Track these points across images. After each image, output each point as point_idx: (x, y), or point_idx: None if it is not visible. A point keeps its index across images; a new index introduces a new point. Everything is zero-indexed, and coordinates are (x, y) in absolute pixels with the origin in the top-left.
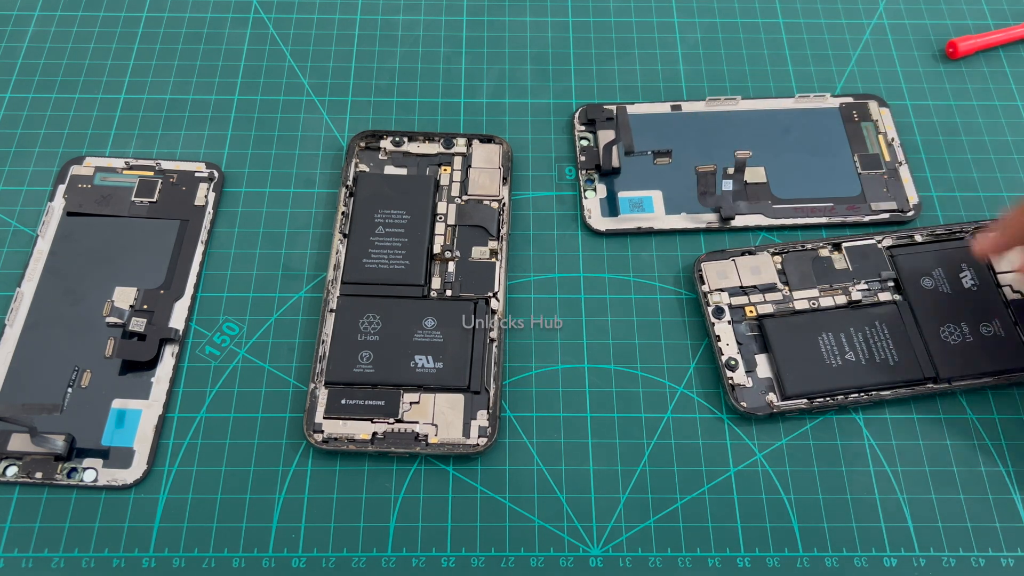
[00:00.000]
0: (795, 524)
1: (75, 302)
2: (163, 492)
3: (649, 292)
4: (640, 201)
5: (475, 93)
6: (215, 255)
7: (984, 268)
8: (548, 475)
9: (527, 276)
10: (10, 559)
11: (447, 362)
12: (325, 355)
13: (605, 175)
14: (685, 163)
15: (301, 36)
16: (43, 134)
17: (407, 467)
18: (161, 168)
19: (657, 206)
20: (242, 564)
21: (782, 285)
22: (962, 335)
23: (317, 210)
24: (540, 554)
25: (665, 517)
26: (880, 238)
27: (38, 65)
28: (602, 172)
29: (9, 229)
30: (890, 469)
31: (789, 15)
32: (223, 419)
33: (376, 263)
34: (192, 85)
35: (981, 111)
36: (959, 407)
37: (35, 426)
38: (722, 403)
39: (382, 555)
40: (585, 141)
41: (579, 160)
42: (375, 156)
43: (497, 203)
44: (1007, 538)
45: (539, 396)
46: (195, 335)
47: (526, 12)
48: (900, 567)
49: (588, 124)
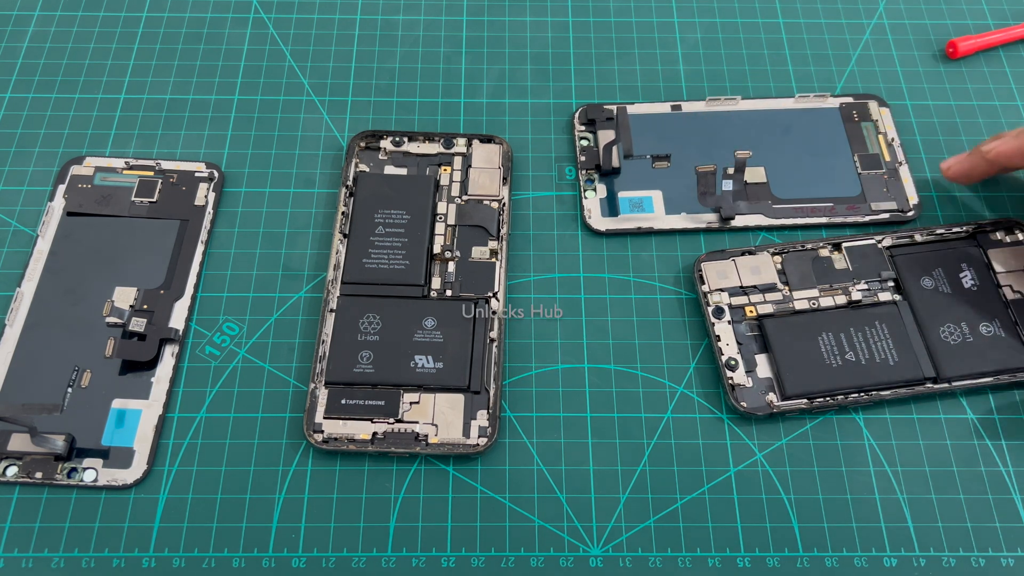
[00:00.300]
0: (795, 524)
1: (75, 302)
2: (163, 492)
3: (649, 292)
4: (640, 201)
5: (475, 93)
6: (215, 255)
7: (984, 268)
8: (548, 475)
9: (527, 276)
10: (10, 559)
11: (447, 362)
12: (325, 355)
13: (605, 175)
14: (685, 163)
15: (301, 36)
16: (43, 134)
17: (407, 467)
18: (161, 168)
19: (657, 206)
20: (242, 564)
21: (782, 285)
22: (962, 335)
23: (317, 210)
24: (540, 554)
25: (665, 517)
26: (880, 238)
27: (38, 65)
28: (602, 172)
29: (9, 229)
30: (890, 469)
31: (789, 15)
32: (223, 419)
33: (376, 263)
34: (192, 85)
35: (981, 111)
36: (959, 407)
37: (35, 426)
38: (722, 403)
39: (382, 555)
40: (585, 141)
41: (579, 160)
42: (375, 156)
43: (497, 203)
44: (1007, 538)
45: (539, 396)
46: (195, 335)
47: (526, 12)
48: (900, 567)
49: (588, 124)
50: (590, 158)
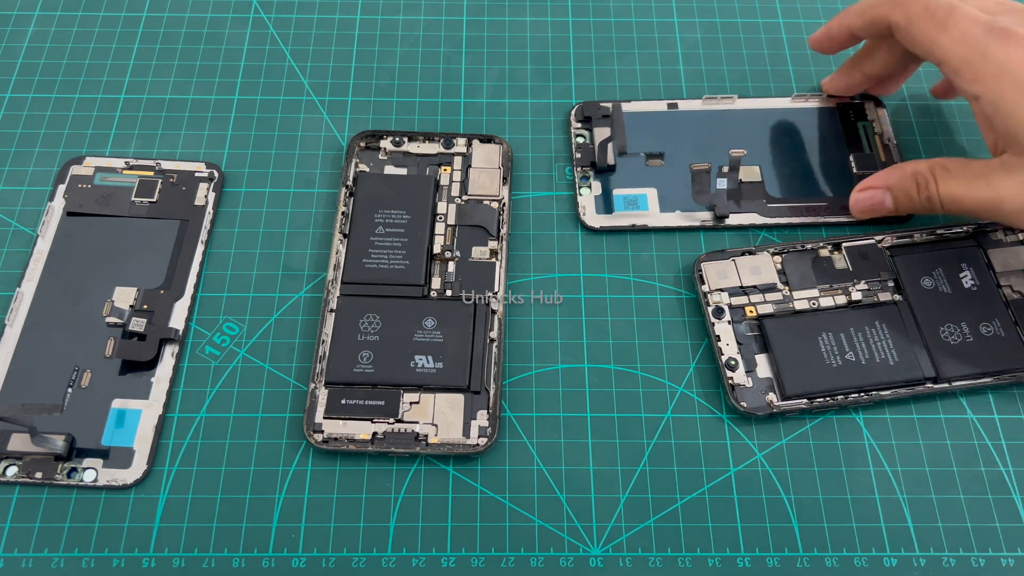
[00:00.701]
0: (795, 524)
1: (75, 302)
2: (163, 492)
3: (649, 292)
4: (635, 198)
5: (475, 93)
6: (215, 255)
7: (984, 268)
8: (548, 475)
9: (527, 276)
10: (10, 559)
11: (447, 362)
12: (325, 355)
13: (600, 172)
14: (680, 161)
15: (301, 36)
16: (43, 134)
17: (407, 467)
18: (161, 168)
19: (652, 204)
20: (242, 564)
21: (782, 285)
22: (962, 335)
23: (317, 210)
24: (540, 554)
25: (665, 517)
26: (880, 238)
27: (38, 65)
28: (597, 169)
29: (9, 229)
30: (890, 469)
31: (789, 15)
32: (223, 419)
33: (376, 263)
34: (192, 85)
35: None
36: (959, 407)
37: (35, 426)
38: (722, 403)
39: (382, 555)
40: (581, 138)
41: (575, 157)
42: (375, 156)
43: (497, 203)
44: (1007, 538)
45: (539, 396)
46: (195, 335)
47: (526, 12)
48: (900, 567)
49: (584, 122)
50: (585, 155)
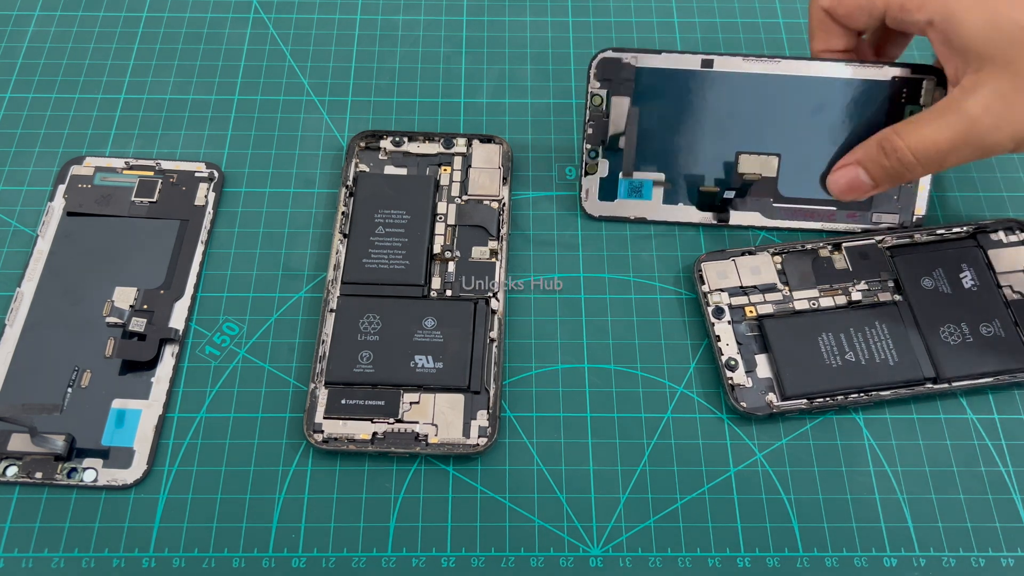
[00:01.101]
0: (795, 524)
1: (75, 302)
2: (163, 492)
3: (649, 292)
4: (640, 185)
5: (475, 93)
6: (215, 255)
7: (984, 268)
8: (548, 475)
9: (527, 276)
10: (10, 559)
11: (447, 362)
12: (325, 355)
13: (609, 150)
14: (698, 140)
15: (301, 36)
16: (43, 134)
17: (407, 467)
18: (161, 168)
19: (656, 194)
20: (242, 564)
21: (782, 285)
22: (962, 335)
23: (317, 210)
24: (540, 554)
25: (665, 517)
26: (880, 238)
27: (38, 65)
28: (607, 147)
29: (9, 229)
30: (890, 469)
31: (789, 15)
32: (223, 419)
33: (376, 263)
34: (192, 85)
35: None
36: (959, 407)
37: (35, 426)
38: (722, 403)
39: (382, 555)
40: (597, 99)
41: (586, 124)
42: (375, 156)
43: (497, 203)
44: (1007, 538)
45: (539, 396)
46: (195, 335)
47: (526, 12)
48: (900, 567)
49: (605, 82)
50: (597, 130)
